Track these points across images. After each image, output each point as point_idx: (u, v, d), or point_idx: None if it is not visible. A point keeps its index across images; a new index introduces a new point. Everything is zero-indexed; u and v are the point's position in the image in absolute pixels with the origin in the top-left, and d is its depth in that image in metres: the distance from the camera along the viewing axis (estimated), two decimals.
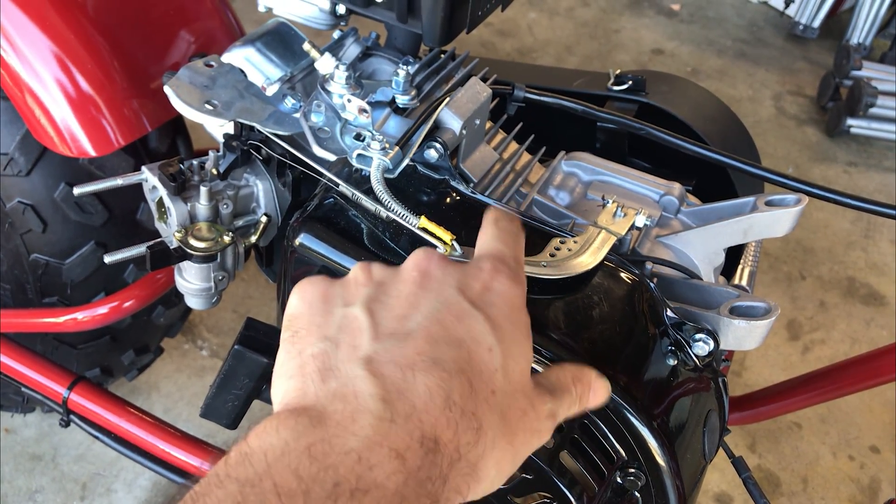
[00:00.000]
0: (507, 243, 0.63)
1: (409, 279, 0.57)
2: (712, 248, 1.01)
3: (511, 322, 0.56)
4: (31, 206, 1.25)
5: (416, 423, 0.47)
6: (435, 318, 0.53)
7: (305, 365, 0.51)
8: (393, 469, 0.45)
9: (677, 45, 3.57)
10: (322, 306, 0.56)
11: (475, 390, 0.50)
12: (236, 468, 0.44)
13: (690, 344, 0.84)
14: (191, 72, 0.99)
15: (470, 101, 0.96)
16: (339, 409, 0.47)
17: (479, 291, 0.56)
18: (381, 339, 0.52)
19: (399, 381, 0.49)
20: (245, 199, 0.98)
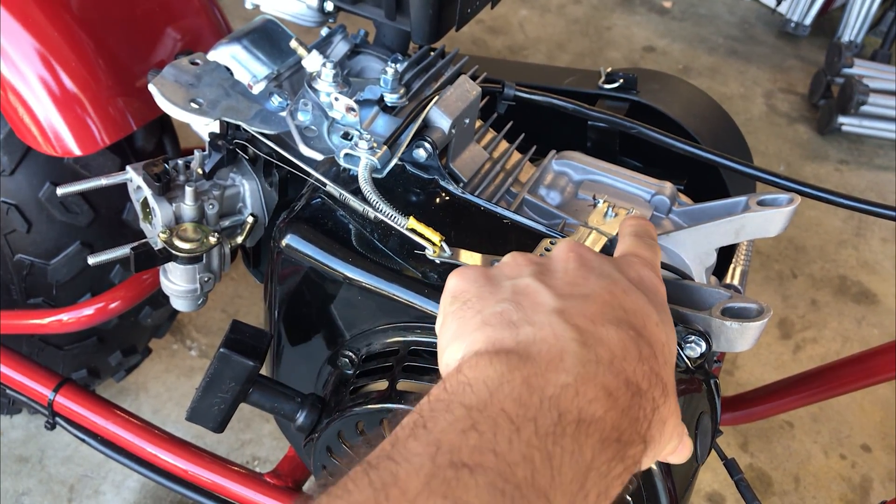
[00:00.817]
0: (646, 248, 0.65)
1: (567, 259, 0.58)
2: (704, 249, 1.00)
3: (664, 307, 0.58)
4: (14, 205, 1.23)
5: (618, 367, 0.49)
6: (606, 289, 0.54)
7: (490, 320, 0.52)
8: (608, 405, 0.46)
9: (669, 42, 3.56)
10: (487, 282, 0.57)
11: (656, 355, 0.52)
12: (459, 395, 0.45)
13: (682, 345, 0.83)
14: (176, 70, 0.97)
15: (459, 99, 0.95)
16: (544, 349, 0.48)
17: (637, 277, 0.58)
18: (564, 297, 0.53)
19: (591, 329, 0.50)
20: (231, 199, 0.96)
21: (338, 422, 0.83)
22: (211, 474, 1.18)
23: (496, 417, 0.44)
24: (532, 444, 0.43)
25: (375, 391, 0.81)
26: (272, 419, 1.90)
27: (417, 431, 0.44)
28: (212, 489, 1.18)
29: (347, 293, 0.86)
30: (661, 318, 0.56)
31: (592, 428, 0.45)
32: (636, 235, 0.68)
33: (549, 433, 0.44)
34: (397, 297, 0.82)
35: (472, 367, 0.48)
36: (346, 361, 0.87)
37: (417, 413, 0.45)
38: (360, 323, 0.88)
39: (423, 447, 0.42)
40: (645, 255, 0.64)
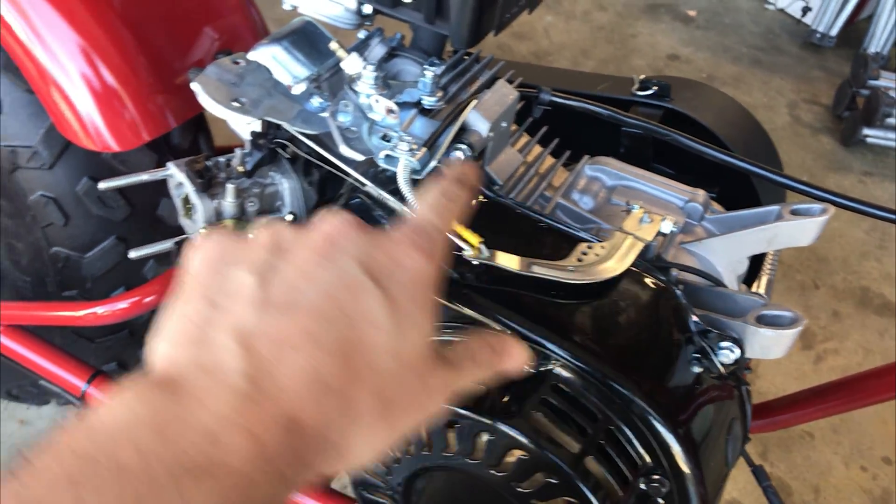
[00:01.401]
0: (441, 215, 0.58)
1: (311, 246, 0.53)
2: (736, 256, 1.01)
3: (412, 301, 0.52)
4: (53, 199, 1.25)
5: (276, 404, 0.45)
6: (327, 293, 0.50)
7: (182, 329, 0.48)
8: (245, 449, 0.43)
9: (693, 51, 3.56)
10: (216, 265, 0.52)
11: (352, 370, 0.48)
12: (78, 440, 0.41)
13: (716, 351, 0.84)
14: (218, 69, 0.99)
15: (497, 103, 0.96)
16: (200, 382, 0.45)
17: (385, 266, 0.52)
18: (263, 309, 0.49)
19: (269, 357, 0.46)
20: (270, 197, 0.98)
21: None
22: None
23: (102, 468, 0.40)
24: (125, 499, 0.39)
25: None
26: None
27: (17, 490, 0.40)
28: None
29: None
30: (392, 319, 0.50)
31: (212, 477, 0.42)
32: (442, 188, 0.60)
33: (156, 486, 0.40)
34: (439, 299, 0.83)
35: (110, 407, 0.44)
36: None
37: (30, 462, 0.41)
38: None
39: None
40: (431, 223, 0.57)
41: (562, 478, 0.76)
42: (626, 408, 0.78)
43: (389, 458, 0.86)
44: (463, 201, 0.60)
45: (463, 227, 0.83)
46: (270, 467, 0.43)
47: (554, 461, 0.75)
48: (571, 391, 0.78)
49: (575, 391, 0.78)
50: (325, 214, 0.55)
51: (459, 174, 0.62)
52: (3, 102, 1.20)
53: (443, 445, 0.81)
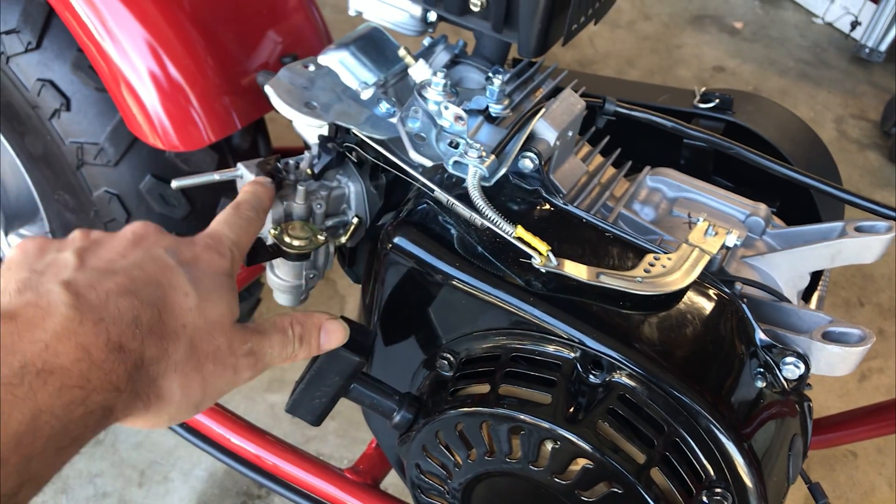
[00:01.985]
0: (233, 227, 0.72)
1: (123, 238, 0.63)
2: (798, 272, 1.00)
3: (211, 280, 0.63)
4: (116, 195, 1.28)
5: (102, 328, 0.54)
6: (139, 266, 0.60)
7: (8, 287, 0.57)
8: (78, 357, 0.52)
9: (739, 63, 3.54)
10: (36, 251, 0.61)
11: (164, 321, 0.58)
12: None
13: (780, 367, 0.84)
14: (290, 73, 1.00)
15: (565, 112, 0.97)
16: (31, 312, 0.53)
17: (189, 258, 0.64)
18: (85, 270, 0.58)
19: (92, 299, 0.55)
20: (336, 200, 0.99)
21: (436, 422, 0.85)
22: (290, 465, 1.21)
23: None
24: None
25: (476, 394, 0.83)
26: (338, 416, 1.93)
27: None
28: (291, 480, 1.21)
29: (450, 296, 0.88)
30: (194, 288, 0.61)
31: (54, 377, 0.50)
32: (235, 207, 0.75)
33: (7, 384, 0.49)
34: (501, 302, 0.84)
35: None
36: (444, 363, 0.89)
37: None
38: (460, 326, 0.90)
39: None
40: (222, 233, 0.70)
41: (626, 487, 0.76)
42: (692, 419, 0.78)
43: (449, 461, 0.87)
44: (256, 222, 0.76)
45: (531, 235, 0.83)
46: (102, 374, 0.53)
47: (619, 470, 0.75)
48: (637, 401, 0.78)
49: (641, 401, 0.78)
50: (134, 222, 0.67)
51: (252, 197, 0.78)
52: (73, 100, 1.23)
53: (506, 451, 0.81)
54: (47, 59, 1.22)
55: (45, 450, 0.50)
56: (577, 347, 0.81)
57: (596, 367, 0.79)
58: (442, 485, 0.90)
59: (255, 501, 1.78)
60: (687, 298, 0.85)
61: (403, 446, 0.92)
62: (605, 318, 0.81)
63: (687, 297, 0.85)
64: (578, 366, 0.79)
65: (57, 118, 1.24)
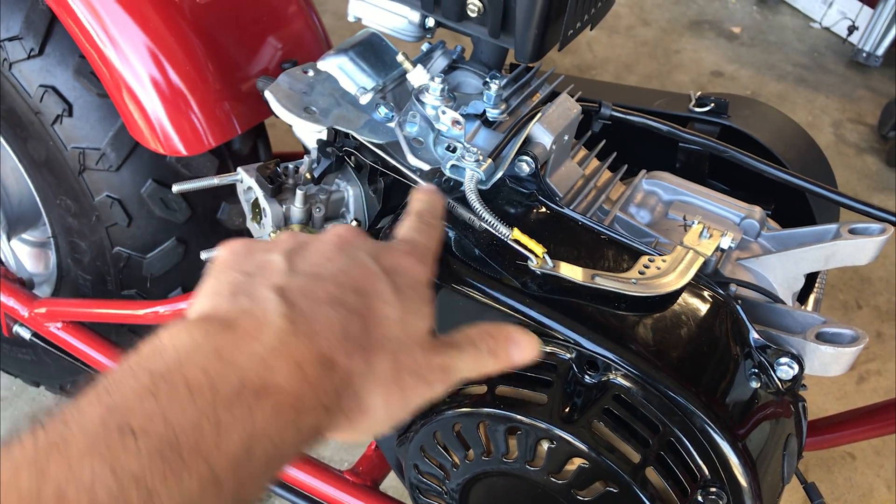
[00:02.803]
0: (423, 234, 0.70)
1: (328, 241, 0.63)
2: (792, 274, 1.01)
3: (413, 290, 0.62)
4: (118, 200, 1.29)
5: (314, 342, 0.52)
6: (345, 272, 0.59)
7: (221, 289, 0.56)
8: (292, 375, 0.50)
9: (737, 68, 3.56)
10: (245, 252, 0.61)
11: (370, 332, 0.57)
12: (148, 360, 0.48)
13: (774, 367, 0.85)
14: (290, 78, 1.01)
15: (561, 116, 0.98)
16: (248, 321, 0.52)
17: (390, 264, 0.62)
18: (295, 274, 0.57)
19: (304, 308, 0.54)
20: (336, 203, 1.00)
21: (434, 423, 0.86)
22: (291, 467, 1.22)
23: (177, 384, 0.46)
24: (204, 411, 0.45)
25: (473, 395, 0.84)
26: None
27: (100, 395, 0.45)
28: (291, 482, 1.22)
29: (448, 298, 0.89)
30: (397, 298, 0.60)
31: (270, 396, 0.48)
32: (418, 216, 0.73)
33: (226, 401, 0.46)
34: (498, 304, 0.85)
35: (170, 334, 0.50)
36: None
37: (105, 378, 0.47)
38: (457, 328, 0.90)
39: (98, 410, 0.44)
40: (417, 240, 0.69)
41: (621, 487, 0.77)
42: (687, 420, 0.79)
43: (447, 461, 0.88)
44: (439, 229, 0.74)
45: (527, 237, 0.85)
46: (314, 394, 0.51)
47: (614, 470, 0.76)
48: (633, 402, 0.79)
49: (636, 402, 0.79)
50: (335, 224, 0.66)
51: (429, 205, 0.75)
52: (75, 106, 1.24)
53: (503, 451, 0.82)
54: (49, 65, 1.23)
55: (258, 474, 0.48)
56: (572, 348, 0.82)
57: (591, 368, 0.80)
58: (440, 485, 0.91)
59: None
60: (682, 300, 0.86)
61: (402, 447, 0.92)
62: (601, 319, 0.82)
63: (682, 299, 0.86)
64: (574, 366, 0.80)
65: (59, 124, 1.25)
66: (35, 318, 1.41)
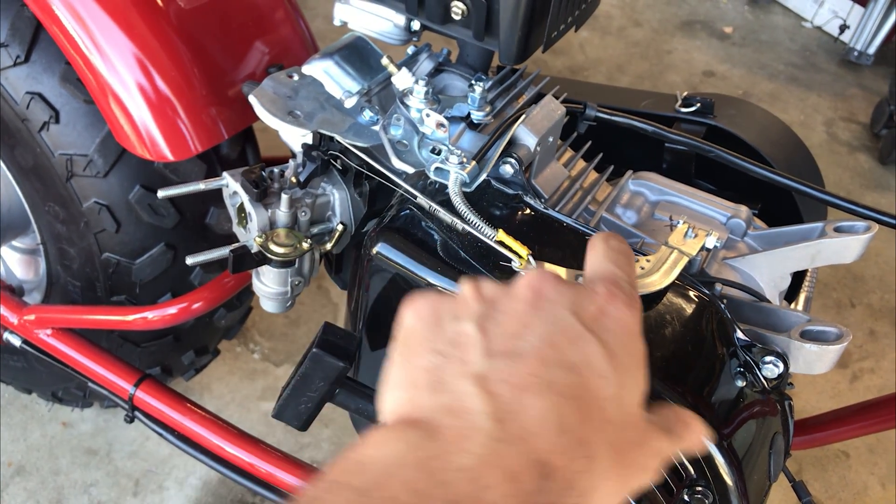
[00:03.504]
0: (619, 264, 0.60)
1: (521, 297, 0.55)
2: (778, 273, 1.02)
3: (626, 350, 0.53)
4: (106, 206, 1.29)
5: (529, 446, 0.46)
6: (548, 340, 0.51)
7: (416, 378, 0.51)
8: (507, 492, 0.43)
9: (729, 67, 3.56)
10: (433, 320, 0.55)
11: (588, 417, 0.48)
12: (350, 476, 0.44)
13: (760, 366, 0.85)
14: (274, 82, 1.02)
15: (545, 118, 0.98)
16: (451, 424, 0.46)
17: (595, 315, 0.53)
18: (493, 357, 0.50)
19: (511, 401, 0.47)
20: (321, 207, 1.00)
21: None
22: (282, 472, 1.22)
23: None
24: None
25: None
26: (331, 424, 1.94)
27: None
28: (283, 487, 1.22)
29: None
30: (611, 366, 0.51)
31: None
32: (605, 242, 0.62)
33: None
34: None
35: (373, 444, 0.46)
36: None
37: (307, 493, 0.44)
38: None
39: None
40: (615, 273, 0.59)
41: None
42: None
43: None
44: (631, 254, 0.62)
45: (512, 239, 0.85)
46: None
47: None
48: None
49: None
50: (526, 272, 0.57)
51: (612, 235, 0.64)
52: (62, 113, 1.24)
53: None
54: (36, 72, 1.23)
55: None
56: None
57: None
58: None
59: None
60: (666, 300, 0.86)
61: None
62: None
63: (666, 299, 0.86)
64: None
65: (46, 130, 1.25)
66: (24, 325, 1.41)
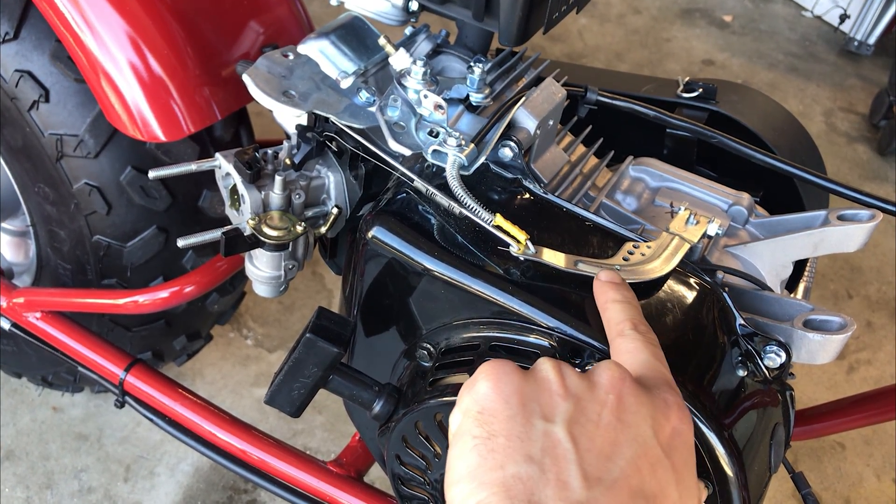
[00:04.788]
0: (664, 361, 0.66)
1: (606, 402, 0.58)
2: (780, 261, 1.00)
3: (689, 469, 0.59)
4: (97, 188, 1.27)
5: None
6: (635, 465, 0.55)
7: (508, 484, 0.52)
8: None
9: (728, 56, 3.54)
10: (520, 410, 0.57)
11: None
12: None
13: (761, 355, 0.83)
14: (269, 62, 0.99)
15: (545, 101, 0.96)
16: None
17: (669, 435, 0.59)
18: (590, 484, 0.53)
19: None
20: (316, 190, 0.98)
21: (415, 412, 0.84)
22: (274, 459, 1.20)
23: None
24: None
25: (455, 384, 0.82)
26: (324, 410, 1.92)
27: None
28: (275, 474, 1.21)
29: (429, 286, 0.87)
30: (679, 492, 0.56)
31: None
32: (633, 327, 0.69)
33: None
34: (480, 292, 0.83)
35: None
36: (423, 353, 0.88)
37: None
38: (439, 316, 0.89)
39: None
40: (665, 375, 0.65)
41: None
42: None
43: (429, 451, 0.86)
44: (650, 329, 0.70)
45: (510, 223, 0.83)
46: None
47: None
48: None
49: None
50: (603, 366, 0.61)
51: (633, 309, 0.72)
52: (52, 92, 1.22)
53: None
54: (25, 49, 1.21)
55: None
56: (555, 336, 0.80)
57: (575, 356, 0.78)
58: (422, 475, 0.90)
59: (241, 496, 1.77)
60: (667, 287, 0.85)
61: (383, 437, 0.91)
62: (584, 306, 0.81)
63: (667, 286, 0.85)
64: (557, 354, 0.79)
65: (36, 109, 1.23)
66: (13, 308, 1.39)
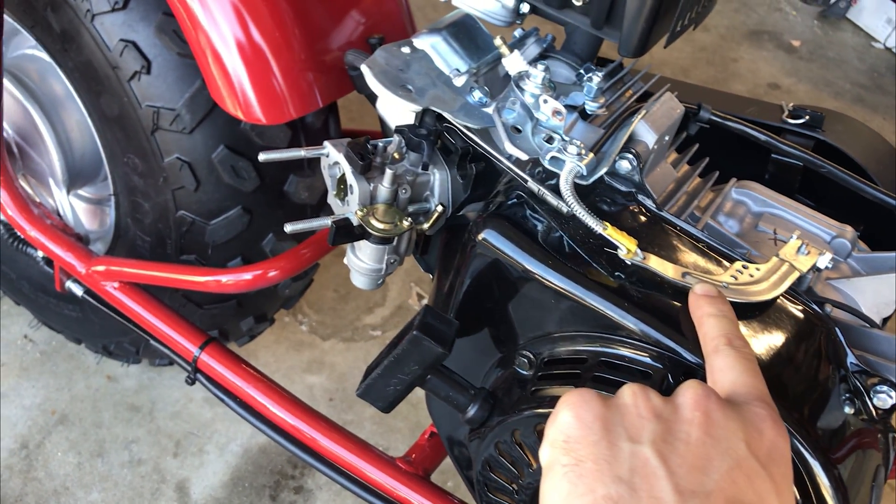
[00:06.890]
0: (759, 376, 0.64)
1: (692, 420, 0.57)
2: (883, 298, 0.98)
3: (787, 483, 0.57)
4: (188, 163, 1.27)
5: None
6: (730, 478, 0.53)
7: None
8: None
9: (794, 81, 3.50)
10: (604, 434, 0.56)
11: None
12: None
13: (871, 394, 0.82)
14: (387, 54, 0.99)
15: (665, 115, 0.95)
16: None
17: (766, 449, 0.57)
18: (684, 496, 0.51)
19: None
20: (421, 186, 0.97)
21: (514, 420, 0.83)
22: (343, 450, 1.20)
23: None
24: None
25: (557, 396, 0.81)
26: None
27: None
28: (342, 465, 1.20)
29: (536, 294, 0.86)
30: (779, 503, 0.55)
31: None
32: (729, 343, 0.67)
33: None
34: (591, 304, 0.82)
35: None
36: (523, 362, 0.87)
37: None
38: (544, 325, 0.88)
39: None
40: (763, 391, 0.63)
41: None
42: None
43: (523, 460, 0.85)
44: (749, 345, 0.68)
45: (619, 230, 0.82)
46: None
47: None
48: None
49: None
50: (686, 386, 0.60)
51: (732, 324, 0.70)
52: (154, 64, 1.23)
53: None
54: (132, 20, 1.22)
55: None
56: (667, 357, 0.79)
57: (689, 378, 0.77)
58: (512, 484, 0.89)
59: (287, 481, 1.78)
60: (776, 312, 0.83)
61: (474, 442, 0.90)
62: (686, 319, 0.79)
63: (777, 311, 0.83)
64: (669, 376, 0.77)
65: (136, 80, 1.23)
66: (92, 276, 1.39)
